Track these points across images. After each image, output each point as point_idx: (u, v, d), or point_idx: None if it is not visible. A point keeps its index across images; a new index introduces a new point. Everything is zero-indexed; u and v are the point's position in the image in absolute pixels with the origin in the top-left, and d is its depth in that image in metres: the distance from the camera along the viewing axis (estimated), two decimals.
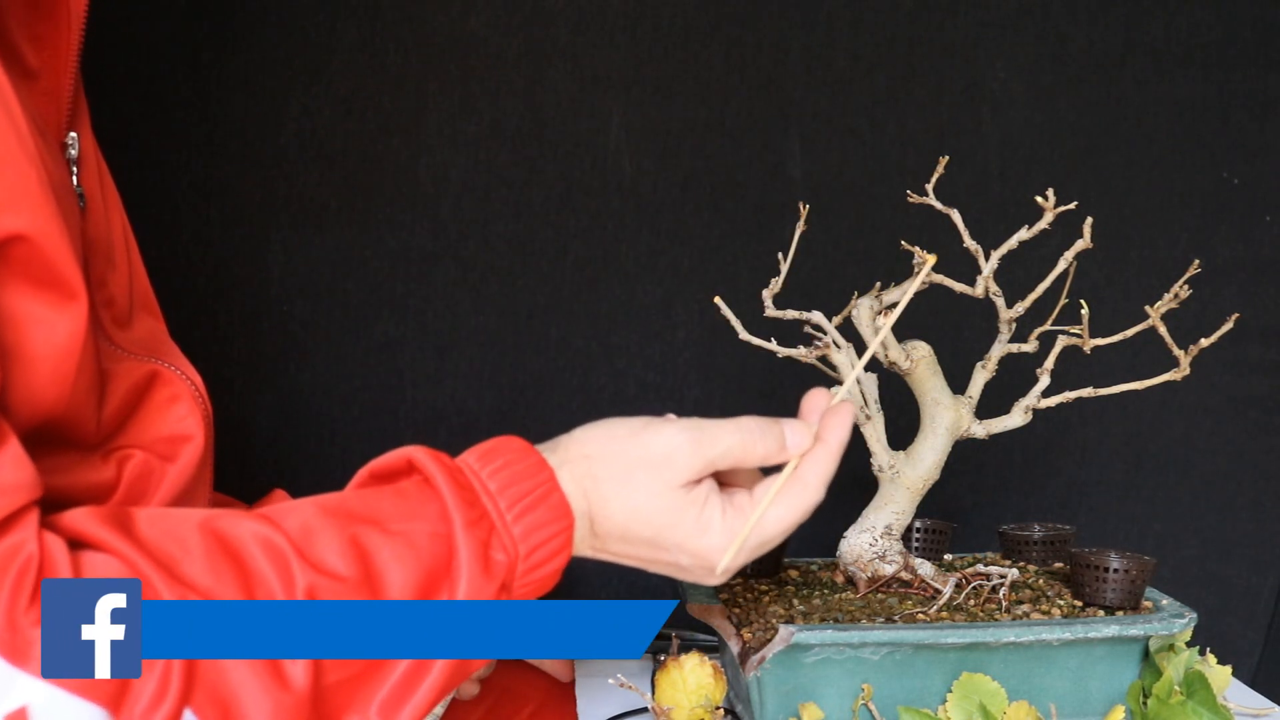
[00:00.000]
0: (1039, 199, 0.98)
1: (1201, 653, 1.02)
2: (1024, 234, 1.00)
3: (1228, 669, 1.02)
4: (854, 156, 1.48)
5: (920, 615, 0.97)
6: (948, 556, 1.15)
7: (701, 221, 1.48)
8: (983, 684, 0.92)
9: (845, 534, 1.06)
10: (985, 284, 1.01)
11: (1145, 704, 0.93)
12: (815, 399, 0.78)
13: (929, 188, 1.02)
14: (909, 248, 0.99)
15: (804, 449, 0.75)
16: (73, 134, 0.77)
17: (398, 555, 0.65)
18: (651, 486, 0.72)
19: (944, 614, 0.98)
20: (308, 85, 1.43)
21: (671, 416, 0.75)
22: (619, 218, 1.48)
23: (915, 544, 1.12)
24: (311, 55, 1.43)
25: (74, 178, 0.77)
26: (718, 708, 0.94)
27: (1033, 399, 1.03)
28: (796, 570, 1.13)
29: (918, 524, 1.12)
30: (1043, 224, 0.99)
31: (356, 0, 1.43)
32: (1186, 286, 0.99)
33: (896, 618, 0.97)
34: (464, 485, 0.68)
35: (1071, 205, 0.98)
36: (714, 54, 1.47)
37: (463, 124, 1.45)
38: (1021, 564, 1.12)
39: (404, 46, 1.44)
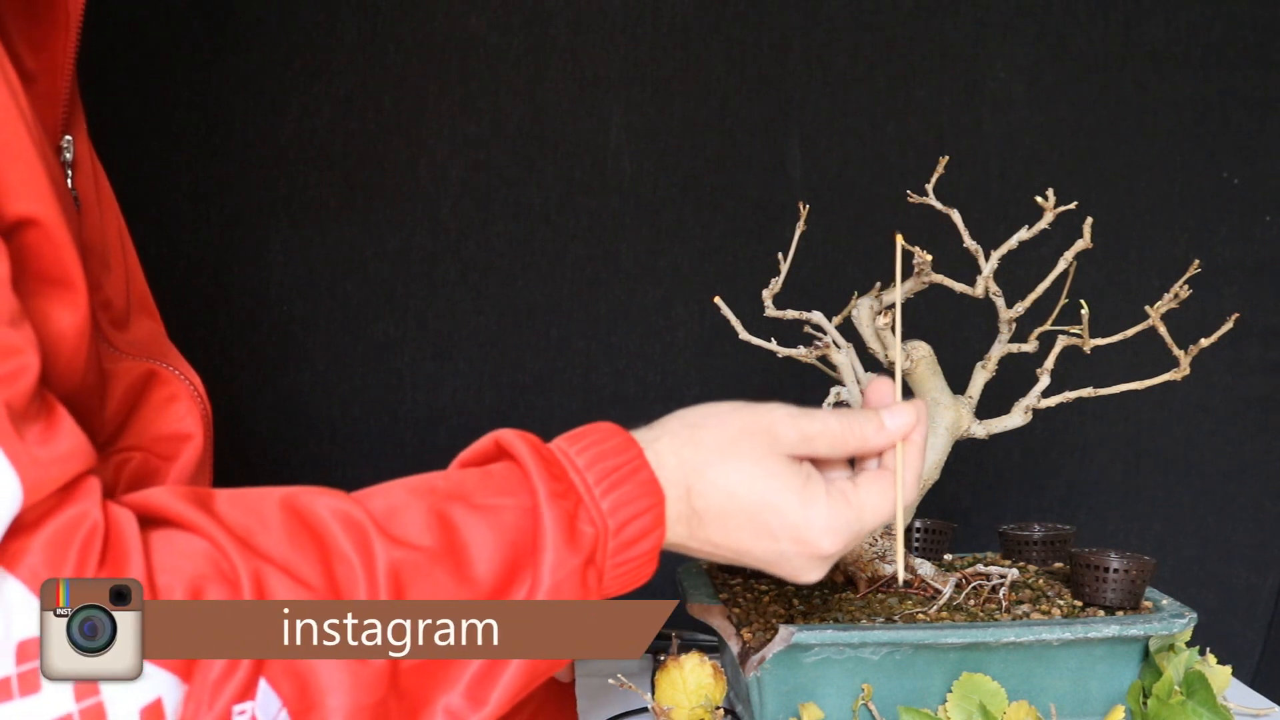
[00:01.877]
0: (1039, 199, 0.98)
1: (1201, 653, 1.02)
2: (1024, 234, 0.99)
3: (1228, 669, 1.02)
4: (854, 156, 1.48)
5: (920, 615, 0.97)
6: (948, 556, 1.15)
7: (701, 221, 1.48)
8: (983, 684, 0.92)
9: None
10: (985, 284, 1.01)
11: (1145, 704, 0.93)
12: (883, 390, 0.75)
13: (929, 188, 1.02)
14: (908, 247, 0.99)
15: (907, 429, 0.73)
16: (68, 137, 0.77)
17: (483, 527, 0.64)
18: (755, 451, 0.69)
19: (944, 614, 0.98)
20: (308, 85, 1.43)
21: None
22: (619, 218, 1.48)
23: (915, 544, 1.12)
24: (311, 55, 1.43)
25: (69, 181, 0.77)
26: (718, 708, 0.94)
27: (1033, 399, 1.03)
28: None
29: (918, 524, 1.12)
30: (1043, 224, 0.99)
31: (356, 0, 1.43)
32: (1186, 287, 0.99)
33: (896, 618, 0.97)
34: (550, 461, 0.68)
35: (1072, 205, 0.98)
36: (714, 54, 1.47)
37: (463, 124, 1.45)
38: (1021, 564, 1.12)
39: (404, 46, 1.44)
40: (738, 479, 0.69)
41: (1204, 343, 0.97)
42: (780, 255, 1.04)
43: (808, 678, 0.92)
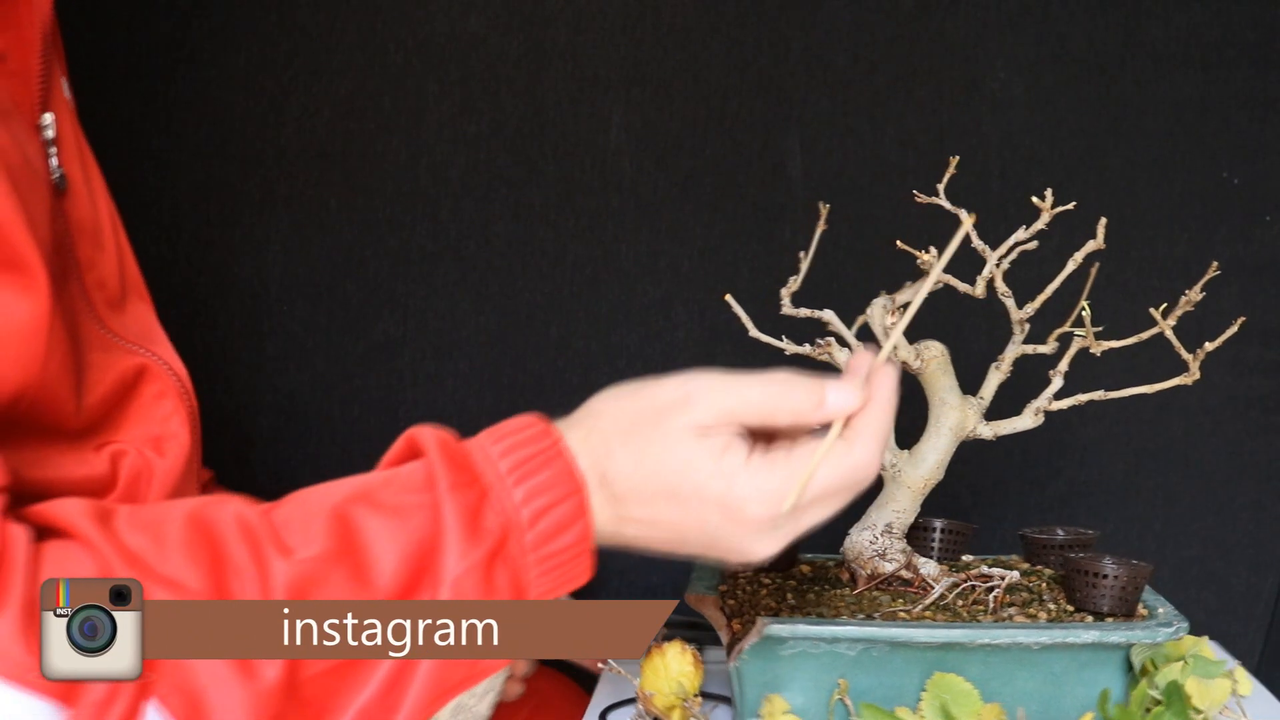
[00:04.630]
0: (1035, 200, 0.98)
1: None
2: (1021, 234, 0.99)
3: (1250, 682, 0.99)
4: (854, 156, 1.48)
5: (902, 613, 0.97)
6: (967, 557, 1.14)
7: (701, 221, 1.48)
8: (955, 684, 0.91)
9: (849, 531, 1.06)
10: (984, 284, 1.01)
11: (1109, 711, 0.92)
12: (861, 359, 0.70)
13: (940, 188, 1.02)
14: (904, 247, 0.99)
15: (850, 409, 0.67)
16: (49, 115, 0.76)
17: (385, 527, 0.62)
18: (658, 430, 0.66)
19: (928, 613, 0.98)
20: (308, 85, 1.43)
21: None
22: (619, 218, 1.48)
23: (934, 545, 1.11)
24: (311, 55, 1.43)
25: (54, 159, 0.76)
26: (697, 695, 0.95)
27: (1044, 401, 1.03)
28: (810, 566, 1.13)
29: (937, 524, 1.11)
30: (1039, 225, 0.99)
31: (356, 0, 1.43)
32: (1197, 290, 0.98)
33: (876, 615, 0.97)
34: (456, 453, 0.66)
35: (1069, 206, 0.98)
36: (714, 54, 1.46)
37: (463, 124, 1.45)
38: (1040, 568, 1.11)
39: (404, 46, 1.44)
40: (645, 462, 0.66)
41: (1209, 346, 0.97)
42: (801, 254, 1.04)
43: (785, 670, 0.93)
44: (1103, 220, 0.97)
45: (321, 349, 1.46)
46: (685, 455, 0.66)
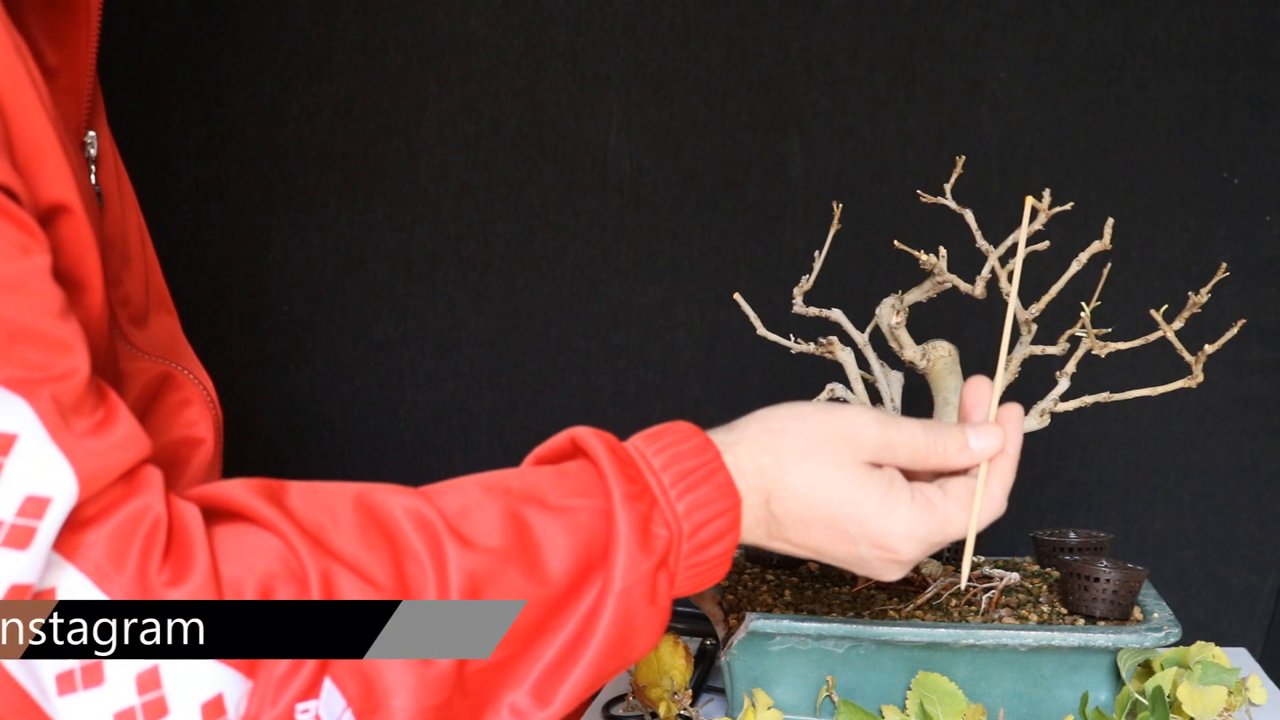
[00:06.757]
0: (1031, 200, 0.98)
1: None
2: (1018, 235, 0.99)
3: (1265, 690, 0.97)
4: (854, 156, 1.48)
5: (892, 612, 0.97)
6: (978, 558, 1.13)
7: (701, 221, 1.48)
8: (938, 683, 0.91)
9: None
10: (983, 284, 1.01)
11: (1089, 714, 0.92)
12: (979, 390, 0.75)
13: (947, 188, 1.02)
14: (902, 247, 0.99)
15: (991, 453, 0.72)
16: (91, 132, 0.77)
17: (557, 529, 0.64)
18: (836, 458, 0.69)
19: (919, 612, 0.98)
20: (308, 85, 1.43)
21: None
22: (619, 218, 1.48)
23: (947, 547, 1.10)
24: (311, 55, 1.43)
25: (93, 176, 0.77)
26: (686, 688, 0.96)
27: (1050, 402, 1.02)
28: (817, 564, 1.13)
29: None
30: (1036, 225, 0.99)
31: (356, 0, 1.43)
32: (1201, 292, 0.98)
33: (865, 613, 0.97)
34: (626, 461, 0.67)
35: (1067, 206, 0.98)
36: (714, 54, 1.47)
37: (463, 124, 1.45)
38: (1049, 570, 1.11)
39: (404, 46, 1.44)
40: (817, 487, 0.69)
41: (1209, 349, 0.97)
42: (816, 253, 1.04)
43: (773, 665, 0.93)
44: (1110, 220, 0.97)
45: (321, 349, 1.47)
46: (856, 489, 0.69)
